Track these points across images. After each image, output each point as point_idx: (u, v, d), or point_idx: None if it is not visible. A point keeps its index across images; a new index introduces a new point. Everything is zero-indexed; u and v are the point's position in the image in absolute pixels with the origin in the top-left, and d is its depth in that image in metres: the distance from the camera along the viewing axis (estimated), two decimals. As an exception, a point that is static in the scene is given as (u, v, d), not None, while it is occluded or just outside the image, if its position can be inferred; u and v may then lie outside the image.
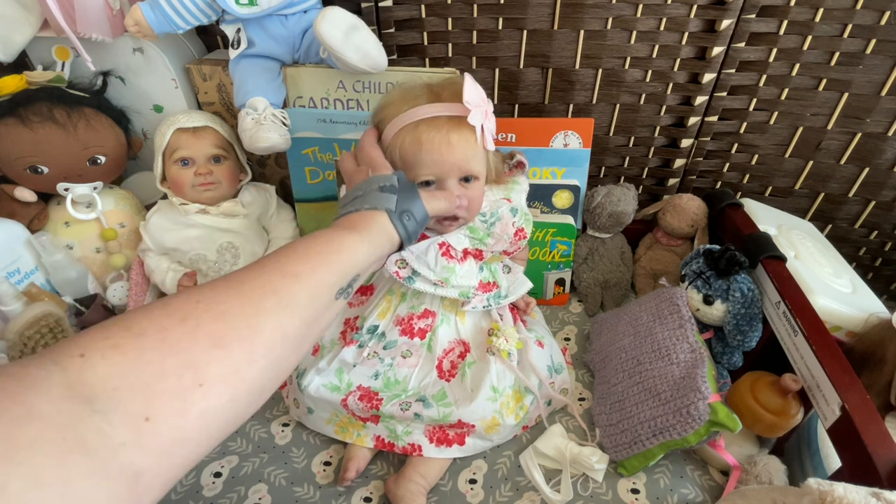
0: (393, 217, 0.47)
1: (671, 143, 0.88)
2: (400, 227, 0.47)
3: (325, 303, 0.40)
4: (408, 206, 0.49)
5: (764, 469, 0.57)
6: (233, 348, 0.32)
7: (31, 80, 0.71)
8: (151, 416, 0.28)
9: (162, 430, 0.29)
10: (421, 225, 0.51)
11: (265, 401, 0.36)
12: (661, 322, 0.67)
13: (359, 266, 0.43)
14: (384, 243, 0.46)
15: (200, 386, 0.30)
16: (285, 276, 0.37)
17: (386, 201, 0.48)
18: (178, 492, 0.60)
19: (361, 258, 0.43)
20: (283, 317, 0.36)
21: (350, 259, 0.42)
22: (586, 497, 0.59)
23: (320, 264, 0.40)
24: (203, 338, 0.32)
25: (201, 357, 0.31)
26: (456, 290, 0.61)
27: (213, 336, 0.32)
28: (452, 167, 0.56)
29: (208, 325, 0.32)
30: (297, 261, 0.39)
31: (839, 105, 0.80)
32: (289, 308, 0.36)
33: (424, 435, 0.62)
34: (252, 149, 0.69)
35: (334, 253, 0.41)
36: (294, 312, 0.36)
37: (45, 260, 0.73)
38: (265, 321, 0.34)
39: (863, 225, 0.91)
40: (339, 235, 0.43)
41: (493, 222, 0.62)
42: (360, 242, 0.44)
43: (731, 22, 0.74)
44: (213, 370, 0.31)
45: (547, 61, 0.80)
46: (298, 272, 0.38)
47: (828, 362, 0.54)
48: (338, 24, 0.63)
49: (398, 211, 0.47)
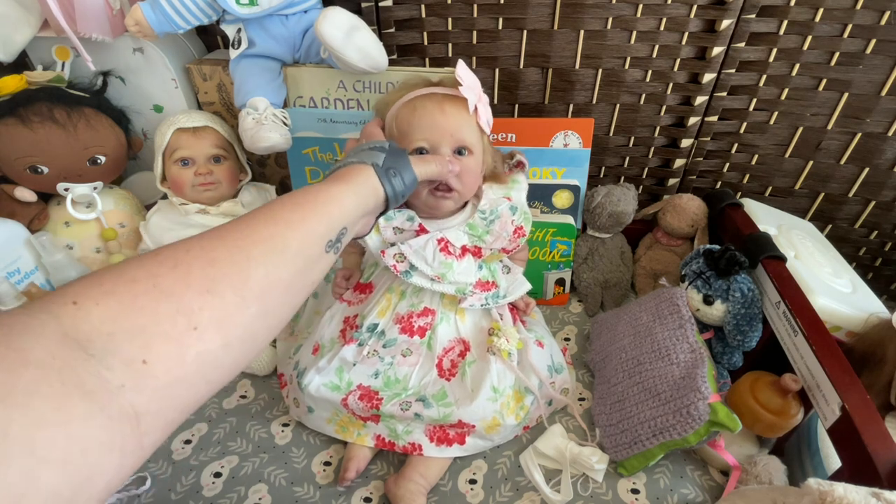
0: (379, 171, 0.48)
1: (671, 143, 0.88)
2: (386, 183, 0.48)
3: (316, 253, 0.40)
4: (395, 165, 0.50)
5: (764, 469, 0.57)
6: (224, 293, 0.33)
7: (31, 80, 0.71)
8: (148, 359, 0.29)
9: (159, 373, 0.29)
10: (409, 187, 0.51)
11: (260, 350, 0.37)
12: (661, 322, 0.67)
13: (346, 216, 0.44)
14: (370, 196, 0.47)
15: (195, 329, 0.31)
16: (276, 225, 0.38)
17: (373, 157, 0.49)
18: (178, 492, 0.60)
19: (349, 209, 0.44)
20: (274, 264, 0.36)
21: (338, 209, 0.43)
22: (586, 497, 0.59)
23: (309, 213, 0.40)
24: (195, 283, 0.32)
25: (194, 302, 0.31)
26: (453, 286, 0.61)
27: (204, 281, 0.32)
28: (445, 133, 0.57)
29: (199, 271, 0.33)
30: (287, 210, 0.40)
31: (839, 105, 0.80)
32: (279, 255, 0.37)
33: (425, 434, 0.62)
34: (253, 149, 0.69)
35: (323, 203, 0.42)
36: (284, 260, 0.37)
37: (45, 260, 0.73)
38: (256, 268, 0.35)
39: (863, 225, 0.91)
40: (326, 187, 0.44)
41: (493, 220, 0.63)
42: (346, 192, 0.44)
43: (731, 22, 0.74)
44: (206, 314, 0.32)
45: (547, 61, 0.80)
46: (288, 220, 0.39)
47: (828, 362, 0.54)
48: (338, 24, 0.63)
49: (385, 167, 0.49)
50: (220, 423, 0.68)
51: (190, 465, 0.63)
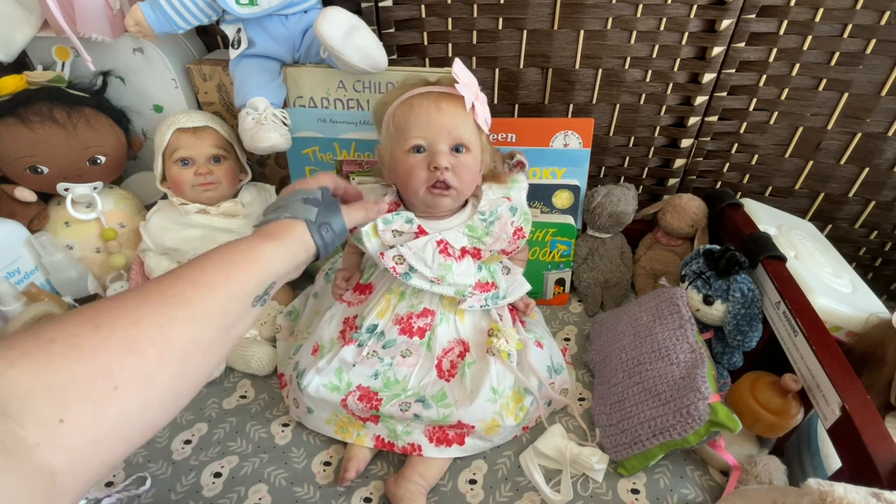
0: (311, 227, 0.48)
1: (671, 143, 0.88)
2: (317, 238, 0.48)
3: (241, 311, 0.40)
4: (327, 219, 0.50)
5: (764, 469, 0.57)
6: (146, 354, 0.33)
7: (31, 80, 0.71)
8: (66, 418, 0.29)
9: (76, 432, 0.29)
10: (339, 237, 0.51)
11: (180, 408, 0.37)
12: (661, 322, 0.67)
13: (275, 273, 0.44)
14: (300, 253, 0.47)
15: (115, 389, 0.31)
16: (199, 287, 0.38)
17: (306, 212, 0.49)
18: (178, 492, 0.60)
19: (278, 266, 0.44)
20: (197, 326, 0.36)
21: (267, 267, 0.43)
22: (586, 497, 0.59)
23: (236, 274, 0.40)
24: (115, 343, 0.32)
25: (114, 362, 0.31)
26: (452, 287, 0.61)
27: (125, 342, 0.32)
28: (441, 130, 0.57)
29: (121, 331, 0.33)
30: (212, 271, 0.39)
31: (839, 105, 0.80)
32: (202, 318, 0.37)
33: (424, 435, 0.62)
34: (253, 149, 0.69)
35: (251, 262, 0.42)
36: (207, 322, 0.37)
37: (45, 260, 0.73)
38: (178, 329, 0.35)
39: (863, 225, 0.91)
40: (257, 244, 0.44)
41: (492, 221, 0.63)
42: (276, 250, 0.44)
43: (731, 22, 0.74)
44: (127, 374, 0.32)
45: (547, 61, 0.80)
46: (212, 283, 0.38)
47: (828, 362, 0.54)
48: (338, 24, 0.63)
49: (318, 222, 0.48)
50: (220, 423, 0.68)
51: (190, 465, 0.63)
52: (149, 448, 0.65)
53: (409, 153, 0.58)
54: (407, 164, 0.59)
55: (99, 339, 0.32)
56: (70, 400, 0.29)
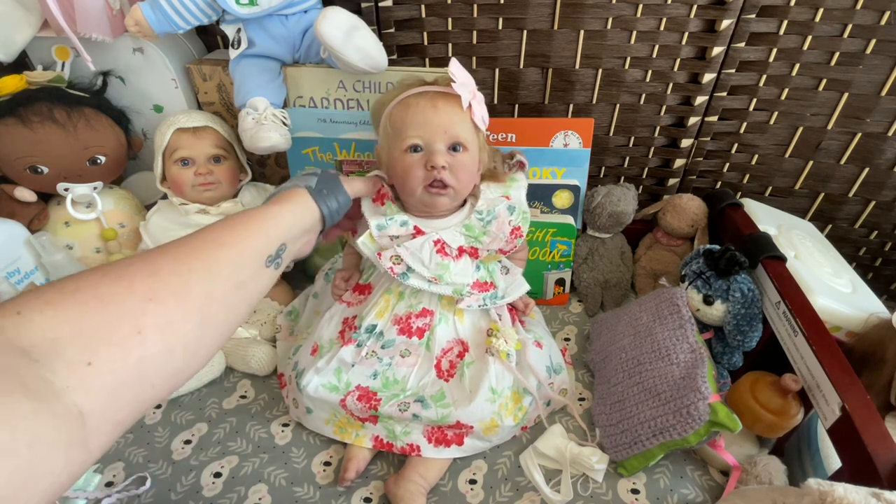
0: (312, 192, 0.52)
1: (671, 143, 0.88)
2: (320, 202, 0.52)
3: (254, 268, 0.43)
4: (328, 187, 0.54)
5: (764, 469, 0.57)
6: (167, 302, 0.35)
7: (31, 80, 0.71)
8: (93, 361, 0.30)
9: (104, 374, 0.31)
10: (343, 205, 0.55)
11: (204, 361, 0.39)
12: (661, 322, 0.67)
13: (283, 233, 0.47)
14: (306, 215, 0.51)
15: (138, 334, 0.33)
16: (213, 244, 0.41)
17: (306, 181, 0.54)
18: (178, 492, 0.60)
19: (285, 227, 0.47)
20: (212, 278, 0.39)
21: (274, 227, 0.46)
22: (586, 497, 0.59)
23: (246, 233, 0.44)
24: (138, 292, 0.34)
25: (137, 308, 0.33)
26: (450, 287, 0.61)
27: (147, 290, 0.34)
28: (438, 129, 0.57)
29: (142, 281, 0.35)
30: (224, 231, 0.43)
31: (839, 105, 0.80)
32: (217, 271, 0.39)
33: (423, 435, 0.62)
34: (253, 149, 0.69)
35: (259, 222, 0.45)
36: (222, 275, 0.40)
37: (45, 260, 0.73)
38: (196, 280, 0.37)
39: (863, 225, 0.91)
40: (265, 208, 0.48)
41: (490, 220, 0.63)
42: (282, 212, 0.48)
43: (731, 22, 0.74)
44: (149, 320, 0.33)
45: (547, 61, 0.80)
46: (225, 240, 0.42)
47: (828, 362, 0.54)
48: (338, 24, 0.63)
49: (318, 189, 0.53)
50: (220, 423, 0.68)
51: (190, 465, 0.63)
52: (149, 448, 0.65)
53: (406, 152, 0.58)
54: (404, 164, 0.59)
55: (121, 288, 0.34)
56: (96, 344, 0.31)
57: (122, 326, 0.32)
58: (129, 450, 0.65)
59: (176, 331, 0.35)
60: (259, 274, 0.44)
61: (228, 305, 0.40)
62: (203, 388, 0.73)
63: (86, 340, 0.30)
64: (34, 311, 0.30)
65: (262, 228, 0.45)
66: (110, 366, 0.31)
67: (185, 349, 0.36)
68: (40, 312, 0.30)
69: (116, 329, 0.32)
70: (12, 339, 0.29)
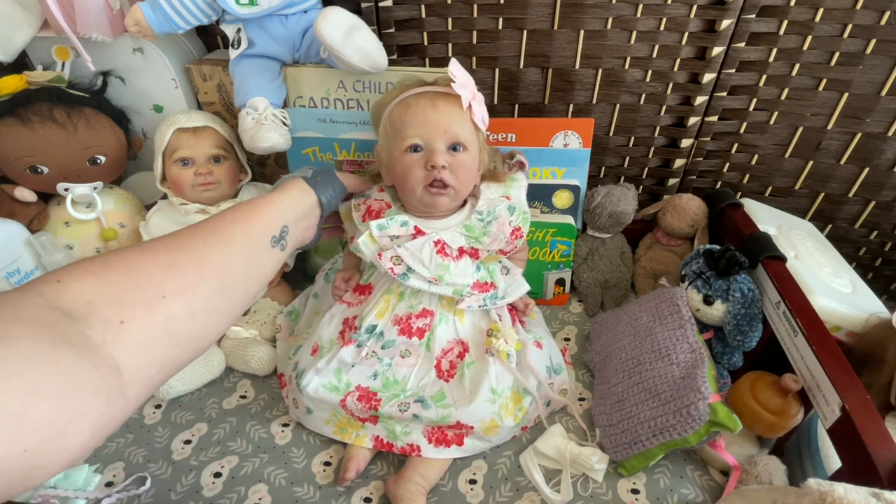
0: (308, 180, 0.57)
1: (671, 143, 0.88)
2: (316, 188, 0.57)
3: (261, 246, 0.48)
4: (323, 176, 0.59)
5: (764, 469, 0.57)
6: (186, 270, 0.40)
7: (31, 80, 0.71)
8: (125, 320, 0.35)
9: (135, 330, 0.35)
10: (338, 193, 0.60)
11: (224, 328, 0.44)
12: (661, 322, 0.67)
13: (284, 215, 0.52)
14: (303, 198, 0.56)
15: (163, 297, 0.37)
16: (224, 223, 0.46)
17: (302, 171, 0.60)
18: (178, 492, 0.60)
19: (283, 209, 0.53)
20: (226, 250, 0.44)
21: (275, 210, 0.52)
22: (586, 497, 0.59)
23: (251, 214, 0.49)
24: (161, 262, 0.39)
25: (161, 275, 0.38)
26: (450, 287, 0.61)
27: (168, 260, 0.39)
28: (438, 128, 0.58)
29: (164, 253, 0.40)
30: (235, 213, 0.48)
31: (839, 105, 0.80)
32: (229, 244, 0.44)
33: (423, 435, 0.61)
34: (253, 149, 0.69)
35: (262, 208, 0.51)
36: (234, 248, 0.45)
37: (45, 260, 0.73)
38: (211, 252, 0.43)
39: (863, 225, 0.91)
40: (267, 196, 0.53)
41: (490, 221, 0.62)
42: (280, 197, 0.54)
43: (731, 22, 0.74)
44: (172, 285, 0.38)
45: (547, 61, 0.80)
46: (235, 219, 0.47)
47: (828, 362, 0.54)
48: (338, 24, 0.63)
49: (313, 177, 0.58)
50: (220, 423, 0.68)
51: (190, 465, 0.63)
52: (149, 448, 0.65)
53: (407, 152, 0.58)
54: (404, 164, 0.59)
55: (146, 259, 0.39)
56: (127, 305, 0.35)
57: (149, 291, 0.37)
58: (129, 450, 0.65)
59: (196, 295, 0.40)
60: (267, 252, 0.49)
61: (242, 278, 0.45)
62: (203, 388, 0.73)
63: (118, 302, 0.35)
64: (72, 278, 0.35)
65: (266, 211, 0.50)
66: (140, 324, 0.35)
67: (206, 312, 0.40)
68: (77, 280, 0.35)
69: (143, 293, 0.36)
70: (52, 302, 0.33)
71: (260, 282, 0.49)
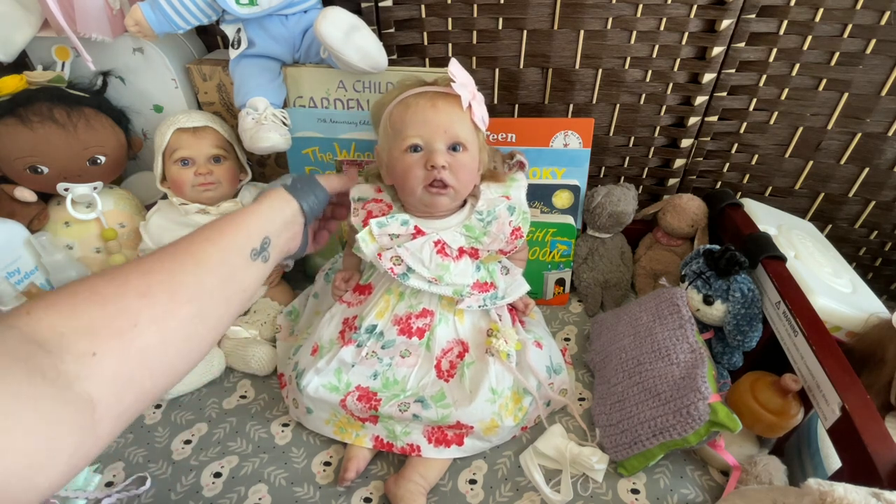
0: (288, 188, 0.56)
1: (671, 143, 0.88)
2: (296, 195, 0.55)
3: (240, 262, 0.47)
4: (303, 184, 0.57)
5: (764, 469, 0.57)
6: (159, 297, 0.38)
7: (31, 80, 0.71)
8: (97, 352, 0.34)
9: (108, 364, 0.34)
10: (321, 200, 0.58)
11: (201, 355, 0.42)
12: (661, 322, 0.67)
13: (264, 227, 0.50)
14: (284, 208, 0.54)
15: (135, 326, 0.36)
16: (200, 243, 0.45)
17: (282, 180, 0.58)
18: (178, 492, 0.60)
19: (264, 221, 0.51)
20: (200, 272, 0.42)
21: (255, 222, 0.50)
22: (586, 497, 0.59)
23: (228, 229, 0.47)
24: (131, 289, 0.37)
25: (132, 304, 0.37)
26: (450, 287, 0.61)
27: (139, 288, 0.38)
28: (438, 129, 0.57)
29: (135, 280, 0.38)
30: (212, 231, 0.46)
31: (839, 105, 0.80)
32: (205, 265, 0.43)
33: (423, 435, 0.62)
34: (253, 149, 0.69)
35: (241, 220, 0.49)
36: (210, 269, 0.43)
37: (45, 260, 0.73)
38: (185, 275, 0.41)
39: (863, 225, 0.91)
40: (246, 208, 0.52)
41: (490, 221, 0.62)
42: (260, 208, 0.52)
43: (731, 22, 0.74)
44: (144, 314, 0.37)
45: (547, 61, 0.80)
46: (212, 238, 0.46)
47: (828, 362, 0.54)
48: (338, 24, 0.63)
49: (293, 185, 0.56)
50: (220, 423, 0.68)
51: (190, 465, 0.63)
52: (149, 448, 0.65)
53: (406, 152, 0.58)
54: (404, 164, 0.59)
55: (116, 287, 0.37)
56: (98, 337, 0.34)
57: (121, 320, 0.35)
58: (129, 450, 0.65)
59: (168, 322, 0.38)
60: (247, 267, 0.47)
61: (219, 299, 0.43)
62: (203, 388, 0.73)
63: (89, 334, 0.34)
64: (41, 310, 0.34)
65: (244, 224, 0.49)
66: (112, 356, 0.34)
67: (181, 341, 0.39)
68: (45, 312, 0.34)
69: (115, 323, 0.35)
70: (27, 335, 0.32)
71: (241, 299, 0.47)
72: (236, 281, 0.46)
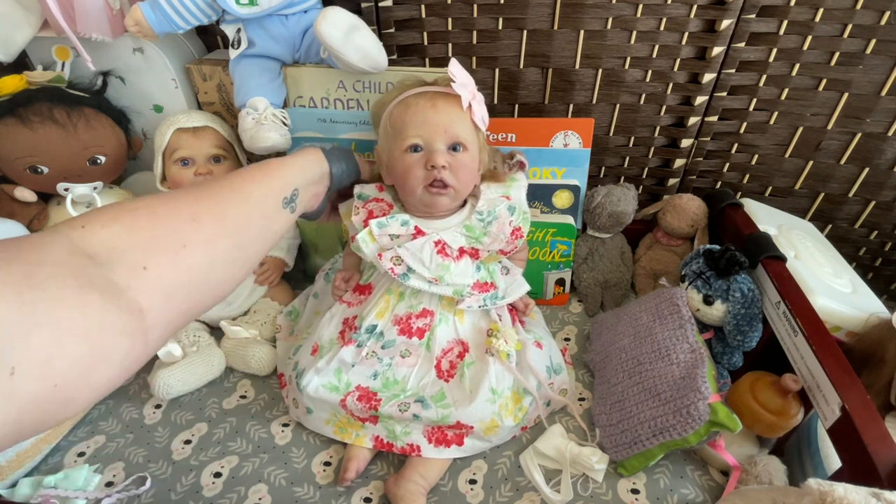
0: (325, 152, 0.60)
1: (671, 143, 0.88)
2: (330, 158, 0.59)
3: (274, 205, 0.50)
4: (339, 152, 0.61)
5: (764, 469, 0.57)
6: (207, 223, 0.42)
7: (31, 80, 0.71)
8: (148, 266, 0.36)
9: (159, 276, 0.37)
10: (350, 170, 0.62)
11: (237, 282, 0.46)
12: (661, 322, 0.67)
13: (296, 178, 0.54)
14: (315, 165, 0.58)
15: (184, 247, 0.39)
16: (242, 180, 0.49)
17: (322, 144, 0.61)
18: (178, 492, 0.60)
19: (296, 172, 0.55)
20: (243, 206, 0.46)
21: (288, 171, 0.54)
22: (586, 497, 0.59)
23: (265, 174, 0.51)
24: (184, 213, 0.41)
25: (184, 226, 0.40)
26: (450, 288, 0.61)
27: (191, 212, 0.41)
28: (438, 129, 0.58)
29: (187, 205, 0.42)
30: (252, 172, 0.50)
31: (839, 105, 0.80)
32: (247, 201, 0.47)
33: (423, 435, 0.62)
34: (252, 149, 0.69)
35: (277, 167, 0.53)
36: (251, 205, 0.47)
37: (45, 260, 0.72)
38: (230, 206, 0.45)
39: (863, 225, 0.91)
40: (281, 158, 0.55)
41: (490, 221, 0.62)
42: (295, 160, 0.56)
43: (731, 22, 0.74)
44: (194, 236, 0.40)
45: (547, 61, 0.80)
46: (252, 177, 0.50)
47: (828, 362, 0.54)
48: (338, 24, 0.63)
49: (331, 150, 0.61)
50: (220, 423, 0.68)
51: (190, 465, 0.63)
52: (149, 448, 0.65)
53: (407, 152, 0.58)
54: (404, 164, 0.59)
55: (171, 209, 0.40)
56: (151, 252, 0.37)
57: (171, 239, 0.38)
58: (129, 450, 0.65)
59: (215, 246, 0.42)
60: (278, 212, 0.51)
61: (255, 234, 0.47)
62: (203, 388, 0.73)
63: (142, 249, 0.36)
64: (97, 224, 0.36)
65: (279, 171, 0.52)
66: (163, 270, 0.37)
67: (223, 265, 0.43)
68: (102, 226, 0.36)
69: (166, 241, 0.38)
70: (78, 247, 0.34)
71: (271, 240, 0.51)
72: (270, 223, 0.50)
